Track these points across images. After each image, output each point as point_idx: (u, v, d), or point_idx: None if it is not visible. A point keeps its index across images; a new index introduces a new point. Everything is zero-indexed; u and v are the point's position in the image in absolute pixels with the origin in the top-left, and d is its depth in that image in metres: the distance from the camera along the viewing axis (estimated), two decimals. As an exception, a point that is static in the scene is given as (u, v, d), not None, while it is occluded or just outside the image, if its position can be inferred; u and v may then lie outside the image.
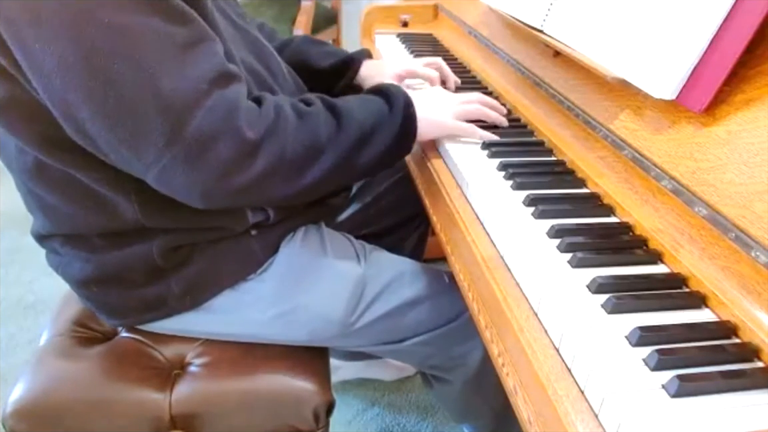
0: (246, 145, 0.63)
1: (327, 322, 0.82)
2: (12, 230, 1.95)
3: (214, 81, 0.61)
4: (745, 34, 0.60)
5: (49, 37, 0.55)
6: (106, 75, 0.57)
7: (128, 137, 0.60)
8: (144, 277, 0.77)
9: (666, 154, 0.66)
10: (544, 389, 0.49)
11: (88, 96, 0.58)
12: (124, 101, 0.58)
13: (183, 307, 0.79)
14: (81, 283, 0.80)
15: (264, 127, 0.65)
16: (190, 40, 0.61)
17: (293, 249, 0.83)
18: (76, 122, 0.60)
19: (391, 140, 0.74)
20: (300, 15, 2.37)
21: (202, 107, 0.60)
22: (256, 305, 0.81)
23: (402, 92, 0.78)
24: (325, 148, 0.69)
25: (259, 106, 0.66)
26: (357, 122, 0.72)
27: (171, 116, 0.59)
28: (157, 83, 0.58)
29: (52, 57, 0.56)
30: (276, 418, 0.81)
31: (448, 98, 0.85)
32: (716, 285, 0.55)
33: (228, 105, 0.62)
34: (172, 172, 0.62)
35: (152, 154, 0.61)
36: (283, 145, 0.66)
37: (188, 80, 0.60)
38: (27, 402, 0.77)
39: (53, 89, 0.58)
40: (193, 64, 0.60)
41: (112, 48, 0.56)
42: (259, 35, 0.84)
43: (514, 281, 0.61)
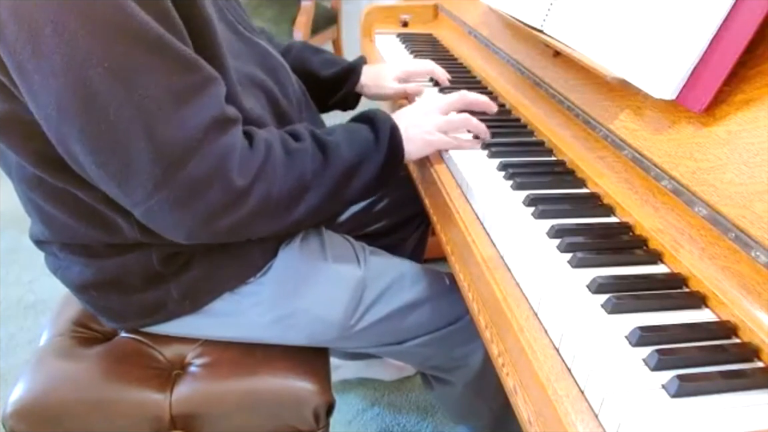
0: (235, 192, 0.64)
1: (326, 325, 0.82)
2: (12, 230, 1.95)
3: (211, 129, 0.61)
4: (745, 34, 0.60)
5: (48, 72, 0.55)
6: (102, 116, 0.56)
7: (118, 176, 0.60)
8: (143, 282, 0.77)
9: (666, 154, 0.66)
10: (544, 389, 0.49)
11: (82, 132, 0.57)
12: (117, 143, 0.58)
13: (182, 310, 0.79)
14: (80, 288, 0.80)
15: (254, 170, 0.65)
16: (191, 88, 0.60)
17: (293, 252, 0.83)
18: (68, 153, 0.61)
19: (378, 169, 0.75)
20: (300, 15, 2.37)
21: (196, 156, 0.60)
22: (256, 309, 0.81)
23: (388, 120, 0.78)
24: (310, 186, 0.70)
25: (250, 144, 0.66)
26: (343, 157, 0.72)
27: (163, 163, 0.59)
28: (152, 131, 0.58)
29: (49, 91, 0.56)
30: (276, 418, 0.81)
31: (432, 112, 0.83)
32: (716, 285, 0.55)
33: (221, 153, 0.62)
34: (159, 213, 0.62)
35: (140, 194, 0.61)
36: (270, 187, 0.66)
37: (184, 129, 0.59)
38: (27, 402, 0.77)
39: (49, 120, 0.58)
40: (191, 113, 0.60)
41: (112, 92, 0.56)
42: (267, 45, 0.83)
43: (514, 281, 0.61)
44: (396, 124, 0.78)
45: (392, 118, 0.78)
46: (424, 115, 0.83)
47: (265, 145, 0.67)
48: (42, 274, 1.74)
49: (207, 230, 0.65)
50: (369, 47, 1.44)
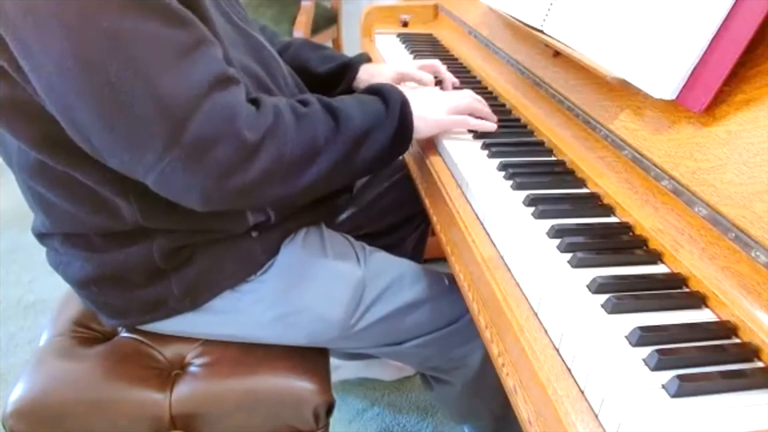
0: (245, 147, 0.63)
1: (326, 324, 0.82)
2: (12, 230, 1.95)
3: (213, 84, 0.61)
4: (745, 34, 0.60)
5: (48, 39, 0.55)
6: (104, 78, 0.57)
7: (127, 141, 0.60)
8: (144, 277, 0.77)
9: (666, 154, 0.66)
10: (544, 389, 0.49)
11: (86, 99, 0.58)
12: (122, 105, 0.58)
13: (183, 307, 0.79)
14: (81, 283, 0.80)
15: (263, 129, 0.65)
16: (189, 43, 0.60)
17: (294, 251, 0.83)
18: (75, 125, 0.60)
19: (388, 140, 0.75)
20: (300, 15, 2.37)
21: (201, 110, 0.60)
22: (256, 306, 0.81)
23: (398, 92, 0.78)
24: (322, 149, 0.69)
25: (257, 108, 0.66)
26: (354, 123, 0.72)
27: (170, 120, 0.59)
28: (155, 87, 0.58)
29: (51, 59, 0.56)
30: (276, 418, 0.81)
31: (440, 96, 0.86)
32: (716, 285, 0.55)
33: (227, 108, 0.62)
34: (172, 175, 0.62)
35: (151, 157, 0.61)
36: (281, 147, 0.66)
37: (187, 84, 0.60)
38: (27, 402, 0.77)
39: (53, 91, 0.58)
40: (191, 68, 0.60)
41: (111, 52, 0.56)
42: (260, 37, 0.84)
43: (514, 281, 0.61)
44: (406, 98, 0.78)
45: (403, 92, 0.79)
46: (434, 95, 0.85)
47: (273, 108, 0.67)
48: (42, 274, 1.74)
49: (219, 191, 0.64)
50: (369, 47, 1.44)
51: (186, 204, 0.66)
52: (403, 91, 0.79)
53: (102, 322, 0.86)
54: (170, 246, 0.75)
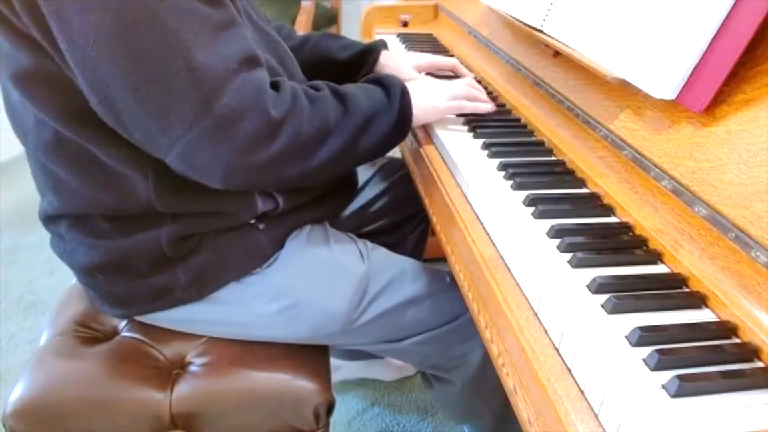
0: (270, 124, 0.66)
1: (330, 317, 0.82)
2: (12, 230, 1.95)
3: (243, 62, 0.64)
4: (745, 34, 0.60)
5: (87, 10, 0.57)
6: (142, 47, 0.59)
7: (157, 111, 0.61)
8: (150, 265, 0.77)
9: (666, 154, 0.66)
10: (544, 389, 0.49)
11: (121, 68, 0.59)
12: (157, 74, 0.60)
13: (189, 297, 0.80)
14: (86, 271, 0.80)
15: (285, 108, 0.67)
16: (222, 21, 0.63)
17: (298, 245, 0.83)
18: (105, 96, 0.62)
19: (389, 127, 0.78)
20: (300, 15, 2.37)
21: (232, 85, 0.62)
22: (261, 298, 0.81)
23: (398, 82, 0.81)
24: (333, 131, 0.72)
25: (277, 90, 0.69)
26: (361, 108, 0.75)
27: (202, 91, 0.61)
28: (191, 58, 0.60)
29: (89, 28, 0.58)
30: (276, 417, 0.81)
31: (438, 85, 0.89)
32: (716, 285, 0.55)
33: (256, 85, 0.65)
34: (198, 147, 0.64)
35: (180, 127, 0.62)
36: (299, 126, 0.69)
37: (220, 58, 0.62)
38: (27, 402, 0.77)
39: (87, 61, 0.60)
40: (225, 44, 0.63)
41: (149, 23, 0.58)
42: (276, 36, 0.86)
43: (514, 281, 0.61)
44: (406, 86, 0.81)
45: (403, 82, 0.81)
46: (432, 85, 0.88)
47: (291, 90, 0.70)
48: (42, 274, 1.74)
49: (241, 166, 0.66)
50: (369, 47, 1.44)
51: (207, 181, 0.68)
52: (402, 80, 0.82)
53: (104, 312, 0.85)
54: (178, 233, 0.75)
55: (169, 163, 0.66)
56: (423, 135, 0.92)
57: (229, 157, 0.65)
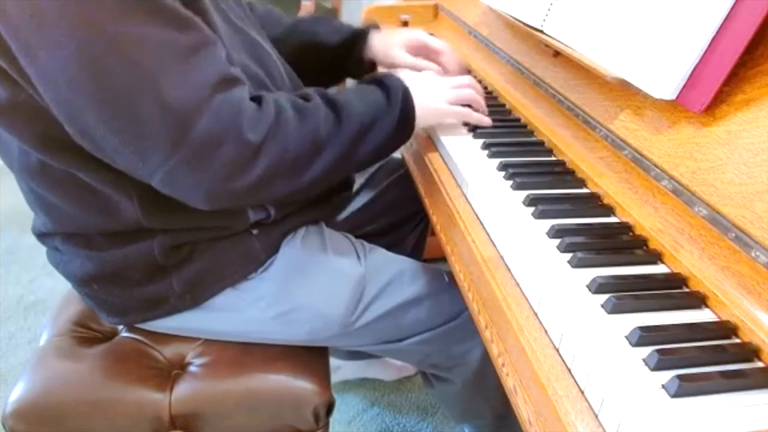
0: (248, 147, 0.64)
1: (327, 321, 0.82)
2: (12, 230, 1.95)
3: (217, 86, 0.62)
4: (745, 34, 0.60)
5: (53, 43, 0.56)
6: (110, 82, 0.57)
7: (133, 142, 0.61)
8: (145, 275, 0.77)
9: (666, 154, 0.66)
10: (544, 389, 0.49)
11: (93, 101, 0.58)
12: (128, 107, 0.59)
13: (184, 305, 0.79)
14: (81, 281, 0.80)
15: (266, 128, 0.65)
16: (192, 45, 0.61)
17: (294, 248, 0.83)
18: (81, 126, 0.61)
19: (390, 131, 0.75)
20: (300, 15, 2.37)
21: (206, 111, 0.61)
22: (257, 304, 0.81)
23: (399, 82, 0.78)
24: (325, 144, 0.70)
25: (260, 105, 0.67)
26: (356, 116, 0.72)
27: (175, 121, 0.60)
28: (160, 89, 0.59)
29: (57, 63, 0.56)
30: (276, 418, 0.81)
31: (441, 83, 0.85)
32: (716, 285, 0.55)
33: (231, 108, 0.63)
34: (178, 175, 0.63)
35: (158, 158, 0.61)
36: (284, 145, 0.67)
37: (191, 86, 0.60)
38: (27, 402, 0.77)
39: (59, 94, 0.59)
40: (195, 70, 0.61)
41: (116, 55, 0.57)
42: (257, 36, 0.84)
43: (514, 281, 0.61)
44: (408, 87, 0.78)
45: (404, 82, 0.78)
46: (434, 83, 0.84)
47: (274, 105, 0.68)
48: (42, 274, 1.74)
49: (225, 191, 0.65)
50: (369, 47, 1.44)
51: (192, 203, 0.67)
52: (403, 79, 0.79)
53: (102, 320, 0.86)
54: (171, 243, 0.75)
55: (154, 186, 0.65)
56: (423, 135, 0.92)
57: (210, 184, 0.64)
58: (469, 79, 0.90)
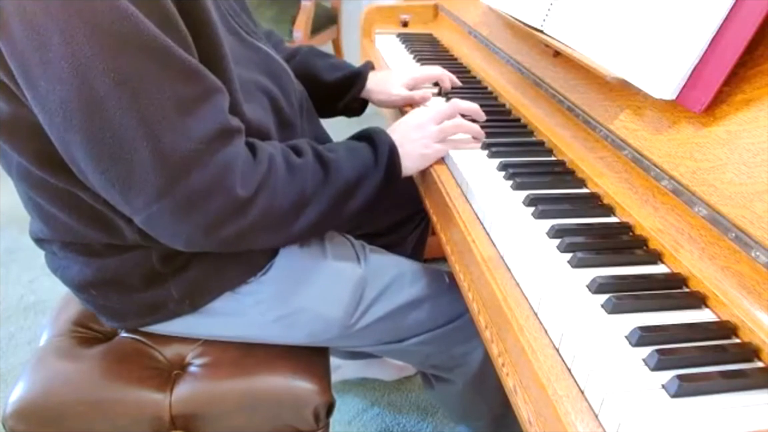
0: (237, 203, 0.64)
1: (327, 323, 0.82)
2: (12, 230, 1.95)
3: (214, 139, 0.62)
4: (745, 34, 0.60)
5: (55, 79, 0.55)
6: (106, 123, 0.57)
7: (120, 183, 0.60)
8: (143, 281, 0.77)
9: (666, 154, 0.66)
10: (544, 389, 0.49)
11: (85, 139, 0.58)
12: (121, 151, 0.58)
13: (183, 310, 0.79)
14: (80, 287, 0.80)
15: (256, 183, 0.66)
16: (195, 98, 0.61)
17: (293, 251, 0.83)
18: (71, 158, 0.61)
19: (375, 188, 0.77)
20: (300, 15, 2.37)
21: (199, 166, 0.61)
22: (257, 308, 0.81)
23: (387, 139, 0.78)
24: (310, 201, 0.71)
25: (254, 157, 0.67)
26: (343, 176, 0.73)
27: (166, 172, 0.60)
28: (157, 139, 0.58)
29: (55, 97, 0.56)
30: (276, 418, 0.81)
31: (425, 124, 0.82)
32: (716, 285, 0.55)
33: (224, 164, 0.63)
34: (159, 221, 0.63)
35: (141, 202, 0.61)
36: (271, 201, 0.67)
37: (188, 139, 0.60)
38: (27, 402, 0.77)
39: (53, 125, 0.59)
40: (194, 123, 0.60)
41: (117, 100, 0.56)
42: (270, 51, 0.84)
43: (514, 281, 0.61)
44: (394, 143, 0.78)
45: (391, 138, 0.79)
46: (418, 127, 0.82)
47: (268, 158, 0.68)
48: (42, 274, 1.74)
49: (207, 240, 0.66)
50: (369, 47, 1.44)
51: (172, 245, 0.67)
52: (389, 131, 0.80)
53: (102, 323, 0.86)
54: (169, 251, 0.74)
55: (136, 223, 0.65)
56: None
57: (191, 233, 0.64)
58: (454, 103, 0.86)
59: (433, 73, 1.05)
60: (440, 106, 0.86)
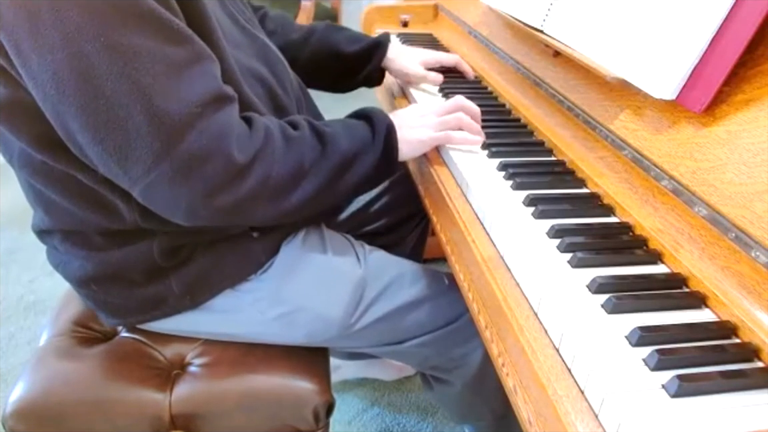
0: (234, 168, 0.64)
1: (326, 323, 0.82)
2: (12, 230, 1.95)
3: (208, 103, 0.62)
4: (745, 34, 0.60)
5: (45, 49, 0.56)
6: (99, 91, 0.57)
7: (117, 152, 0.60)
8: (144, 276, 0.77)
9: (666, 154, 0.66)
10: (544, 389, 0.49)
11: (80, 109, 0.58)
12: (115, 118, 0.58)
13: (183, 306, 0.79)
14: (81, 282, 0.80)
15: (253, 150, 0.66)
16: (186, 60, 0.61)
17: (294, 250, 0.83)
18: (66, 132, 0.61)
19: (372, 167, 0.76)
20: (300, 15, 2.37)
21: (194, 129, 0.61)
22: (256, 305, 0.81)
23: (385, 119, 0.78)
24: (308, 173, 0.70)
25: (250, 128, 0.67)
26: (340, 149, 0.73)
27: (162, 136, 0.60)
28: (150, 103, 0.58)
29: (47, 69, 0.56)
30: (276, 418, 0.81)
31: (429, 114, 0.84)
32: (716, 285, 0.55)
33: (220, 128, 0.63)
34: (158, 189, 0.62)
35: (139, 170, 0.61)
36: (269, 169, 0.67)
37: (182, 102, 0.60)
38: (27, 402, 0.77)
39: (47, 99, 0.59)
40: (187, 86, 0.61)
41: (108, 65, 0.57)
42: (266, 39, 0.84)
43: (514, 281, 0.61)
44: (392, 123, 0.78)
45: (389, 117, 0.79)
46: (420, 117, 0.83)
47: (264, 128, 0.68)
48: (42, 274, 1.74)
49: (205, 208, 0.65)
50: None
51: (170, 218, 0.67)
52: (390, 115, 0.80)
53: (102, 321, 0.86)
54: (170, 244, 0.75)
55: (135, 197, 0.65)
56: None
57: (190, 200, 0.64)
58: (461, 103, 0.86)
59: (452, 58, 1.10)
60: (445, 102, 0.86)
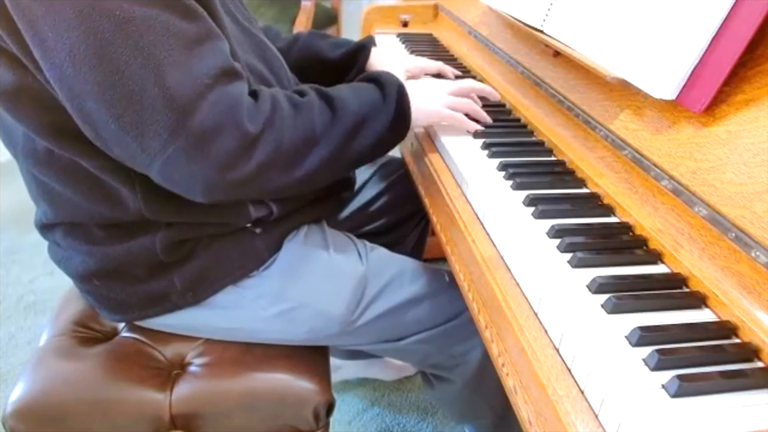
0: (246, 138, 0.65)
1: (328, 319, 0.82)
2: (12, 230, 1.95)
3: (218, 77, 0.63)
4: (745, 34, 0.60)
5: (62, 27, 0.57)
6: (115, 66, 0.58)
7: (133, 128, 0.61)
8: (146, 271, 0.77)
9: (666, 154, 0.66)
10: (544, 389, 0.49)
11: (96, 85, 0.59)
12: (130, 93, 0.59)
13: (185, 302, 0.79)
14: (82, 277, 0.80)
15: (262, 120, 0.66)
16: (197, 36, 0.62)
17: (296, 246, 0.83)
18: (83, 112, 0.62)
19: (385, 128, 0.76)
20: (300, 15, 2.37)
21: (206, 101, 0.62)
22: (258, 302, 0.81)
23: (395, 80, 0.79)
24: (320, 138, 0.71)
25: (256, 100, 0.68)
26: (351, 112, 0.73)
27: (176, 108, 0.61)
28: (163, 76, 0.60)
29: (64, 46, 0.57)
30: (276, 417, 0.81)
31: (439, 87, 0.86)
32: (716, 285, 0.55)
33: (231, 100, 0.64)
34: (176, 164, 0.63)
35: (157, 144, 0.62)
36: (280, 137, 0.67)
37: (194, 74, 0.61)
38: (27, 402, 0.77)
39: (64, 78, 0.59)
40: (199, 60, 0.62)
41: (123, 40, 0.58)
42: (264, 38, 0.85)
43: (514, 281, 0.61)
44: (403, 84, 0.78)
45: (398, 79, 0.79)
46: (434, 88, 0.85)
47: (270, 99, 0.69)
48: (42, 274, 1.74)
49: (221, 181, 0.65)
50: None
51: (189, 196, 0.67)
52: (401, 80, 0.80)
53: (103, 318, 0.86)
54: (173, 239, 0.75)
55: (152, 177, 0.66)
56: (423, 134, 0.92)
57: (208, 174, 0.64)
58: (470, 82, 0.89)
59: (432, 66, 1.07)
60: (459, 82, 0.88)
